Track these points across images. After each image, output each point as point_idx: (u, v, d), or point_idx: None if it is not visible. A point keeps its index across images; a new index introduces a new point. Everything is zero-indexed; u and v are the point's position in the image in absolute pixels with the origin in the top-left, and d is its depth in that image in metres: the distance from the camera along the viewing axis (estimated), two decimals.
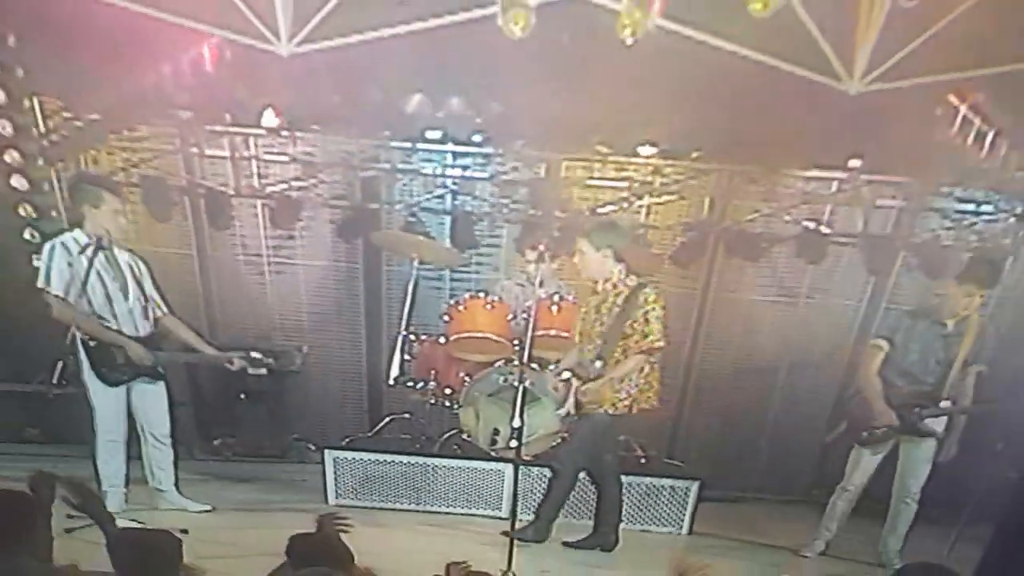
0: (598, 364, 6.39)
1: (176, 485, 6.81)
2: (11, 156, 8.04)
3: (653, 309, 6.53)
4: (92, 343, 6.38)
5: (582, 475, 6.79)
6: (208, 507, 6.81)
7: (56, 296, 6.32)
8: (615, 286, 6.59)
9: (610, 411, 6.49)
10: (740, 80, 7.03)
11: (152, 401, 6.66)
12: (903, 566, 4.25)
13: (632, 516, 7.41)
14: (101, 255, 6.35)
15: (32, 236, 8.31)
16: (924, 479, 6.66)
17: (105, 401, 6.45)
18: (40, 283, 6.34)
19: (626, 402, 6.54)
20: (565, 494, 6.70)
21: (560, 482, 6.63)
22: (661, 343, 6.54)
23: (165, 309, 6.75)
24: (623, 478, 7.20)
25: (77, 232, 6.41)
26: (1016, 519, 4.86)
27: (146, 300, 6.62)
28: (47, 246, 6.40)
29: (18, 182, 8.14)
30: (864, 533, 7.04)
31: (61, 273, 6.31)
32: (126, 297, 6.53)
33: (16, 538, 3.59)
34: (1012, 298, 8.69)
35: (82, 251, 6.28)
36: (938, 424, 6.67)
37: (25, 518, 3.68)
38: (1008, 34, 6.57)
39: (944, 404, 6.60)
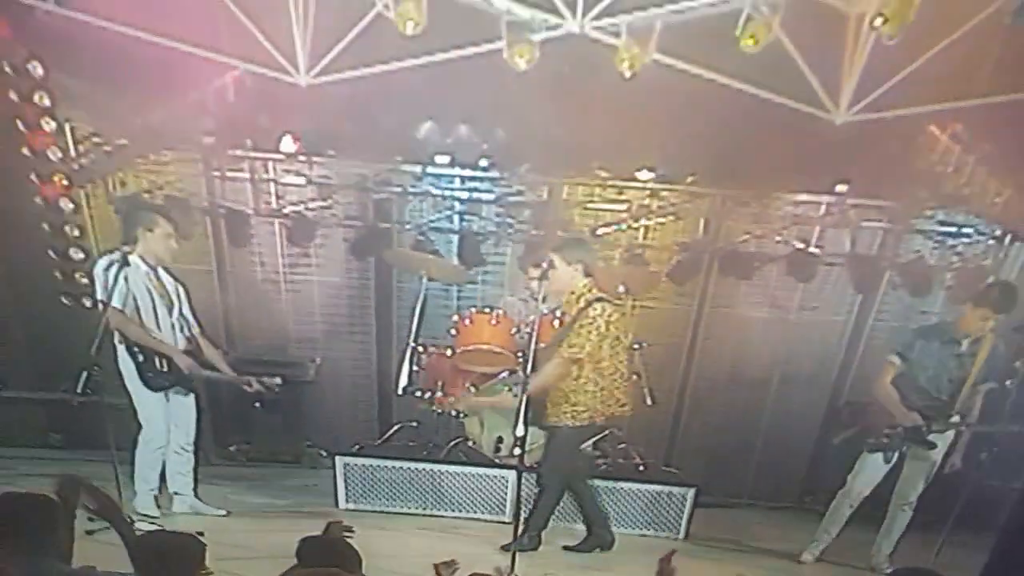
0: (529, 370, 6.42)
1: (195, 490, 6.95)
2: (59, 179, 8.38)
3: (594, 321, 6.52)
4: (140, 354, 6.59)
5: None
6: (223, 512, 6.92)
7: (116, 309, 6.44)
8: (578, 299, 6.63)
9: (570, 424, 6.55)
10: (732, 110, 7.32)
11: (183, 412, 6.86)
12: (895, 571, 4.41)
13: (631, 521, 7.58)
14: (153, 274, 6.63)
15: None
16: (922, 488, 6.75)
17: (152, 411, 6.67)
18: (99, 297, 6.50)
19: (585, 414, 6.59)
20: (553, 505, 6.79)
21: (547, 495, 6.72)
22: (580, 355, 6.48)
23: (198, 330, 6.96)
24: (623, 485, 7.49)
25: (129, 251, 6.54)
26: (1017, 525, 5.12)
27: (183, 319, 6.85)
28: (103, 263, 6.51)
29: (64, 204, 8.47)
30: (854, 539, 7.08)
31: (120, 289, 6.44)
32: (169, 313, 6.76)
33: (40, 540, 3.64)
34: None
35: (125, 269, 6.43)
36: (942, 438, 6.73)
37: (49, 521, 3.71)
38: (983, 69, 6.89)
39: (953, 419, 6.65)
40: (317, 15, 7.22)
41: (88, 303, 8.50)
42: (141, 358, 6.61)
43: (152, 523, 6.02)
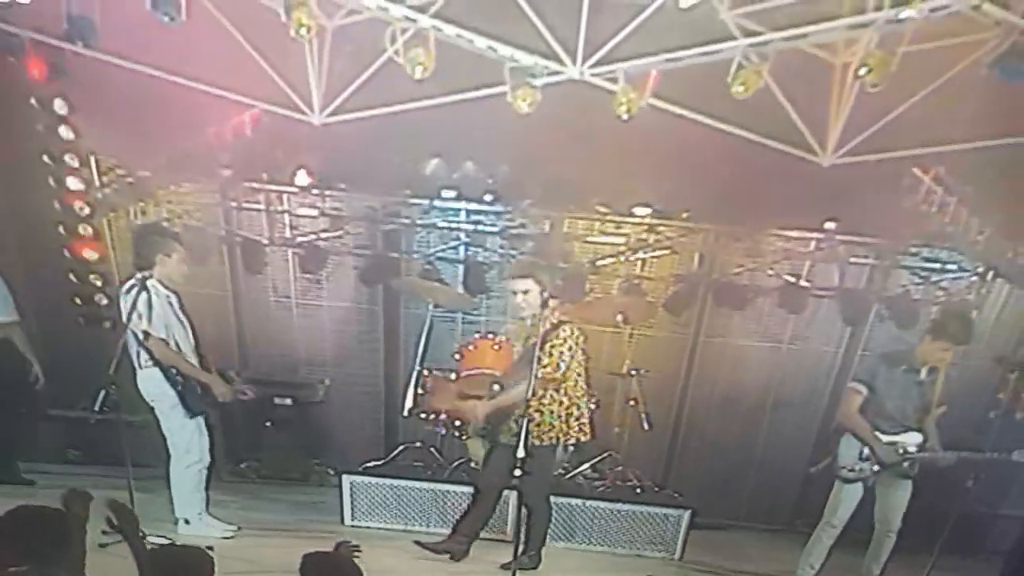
0: (495, 387, 6.61)
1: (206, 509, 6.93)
2: (79, 206, 8.72)
3: (565, 342, 6.59)
4: (181, 382, 6.63)
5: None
6: (231, 531, 6.88)
7: (159, 339, 6.53)
8: (543, 320, 6.59)
9: (536, 443, 6.49)
10: (725, 151, 7.51)
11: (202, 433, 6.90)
12: None
13: (628, 541, 7.78)
14: (175, 298, 6.71)
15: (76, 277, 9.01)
16: (903, 513, 6.70)
17: (189, 436, 6.70)
18: (143, 327, 6.49)
19: (550, 434, 6.67)
20: (547, 522, 6.88)
21: (537, 514, 6.75)
22: (556, 374, 6.56)
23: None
24: (621, 506, 7.68)
25: (149, 276, 6.59)
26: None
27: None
28: (132, 291, 6.44)
29: (84, 230, 8.83)
30: (842, 561, 7.00)
31: (158, 316, 6.53)
32: (187, 337, 6.81)
33: (52, 553, 3.65)
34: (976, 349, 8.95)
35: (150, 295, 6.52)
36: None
37: (62, 534, 3.72)
38: (963, 116, 7.09)
39: (923, 445, 6.59)
40: (331, 59, 7.47)
41: (107, 324, 8.86)
42: (181, 386, 6.64)
43: (164, 537, 6.04)
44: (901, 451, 6.64)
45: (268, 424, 9.69)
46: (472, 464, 8.03)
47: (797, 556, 7.21)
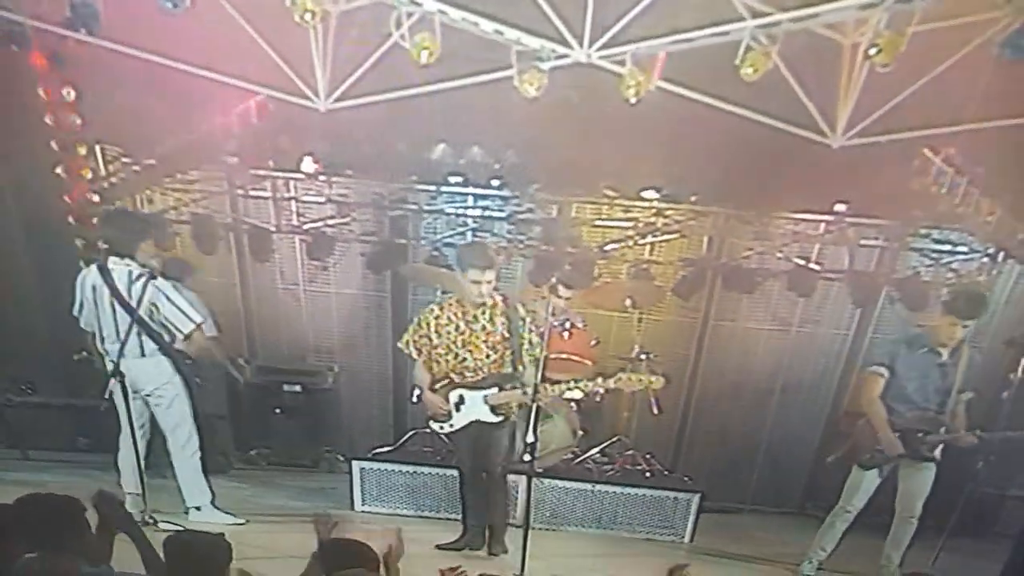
0: (521, 369, 6.46)
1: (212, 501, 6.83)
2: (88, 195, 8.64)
3: (524, 320, 6.55)
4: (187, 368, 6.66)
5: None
6: (239, 523, 6.74)
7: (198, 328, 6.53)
8: (495, 305, 6.58)
9: (485, 420, 6.56)
10: (734, 134, 7.44)
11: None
12: None
13: (638, 525, 7.81)
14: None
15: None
16: (925, 498, 6.65)
17: (187, 424, 6.63)
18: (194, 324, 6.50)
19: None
20: (505, 499, 6.86)
21: (495, 492, 6.74)
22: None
23: None
24: (631, 490, 7.68)
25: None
26: None
27: None
28: (140, 281, 6.35)
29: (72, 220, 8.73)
30: (859, 546, 7.01)
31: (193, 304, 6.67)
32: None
33: (62, 540, 3.72)
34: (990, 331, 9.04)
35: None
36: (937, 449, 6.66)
37: (72, 521, 3.79)
38: (974, 96, 6.97)
39: (943, 430, 6.57)
40: (336, 44, 7.41)
41: None
42: (185, 374, 6.64)
43: (177, 524, 6.12)
44: (921, 434, 6.60)
45: (277, 411, 9.71)
46: None
47: (807, 539, 7.24)
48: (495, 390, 6.57)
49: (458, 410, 6.67)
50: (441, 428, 6.81)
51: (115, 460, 6.71)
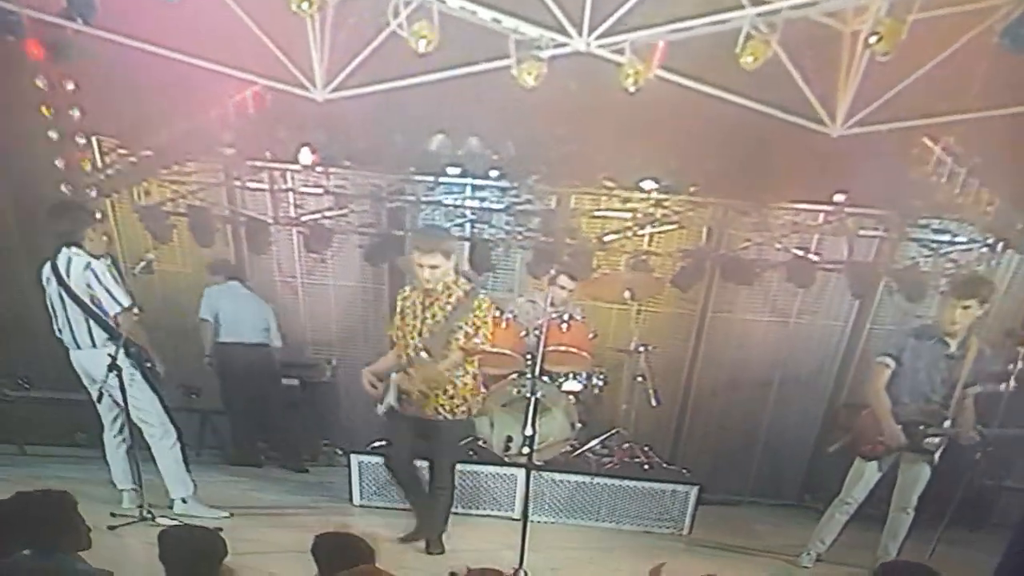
0: (423, 355, 6.40)
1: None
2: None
3: (479, 307, 6.48)
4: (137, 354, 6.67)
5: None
6: (224, 516, 6.75)
7: (130, 312, 6.51)
8: (448, 288, 6.51)
9: (449, 417, 6.52)
10: (733, 123, 7.39)
11: None
12: (882, 564, 4.41)
13: (637, 518, 7.79)
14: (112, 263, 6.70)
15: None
16: (921, 491, 6.67)
17: (156, 412, 6.69)
18: (126, 303, 6.51)
19: (462, 408, 6.58)
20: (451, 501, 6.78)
21: (446, 491, 6.69)
22: (485, 346, 6.52)
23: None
24: (629, 483, 7.65)
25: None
26: None
27: None
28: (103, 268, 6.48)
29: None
30: (857, 538, 7.03)
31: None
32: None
33: (55, 537, 3.83)
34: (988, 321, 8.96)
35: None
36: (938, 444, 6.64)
37: (65, 517, 3.89)
38: (974, 85, 6.99)
39: (947, 423, 6.55)
40: (333, 34, 7.37)
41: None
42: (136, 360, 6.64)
43: (174, 519, 6.21)
44: (923, 427, 6.58)
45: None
46: (480, 442, 8.03)
47: (805, 531, 7.25)
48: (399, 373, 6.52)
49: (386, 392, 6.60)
50: (378, 408, 6.69)
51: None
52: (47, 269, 6.62)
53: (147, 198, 9.20)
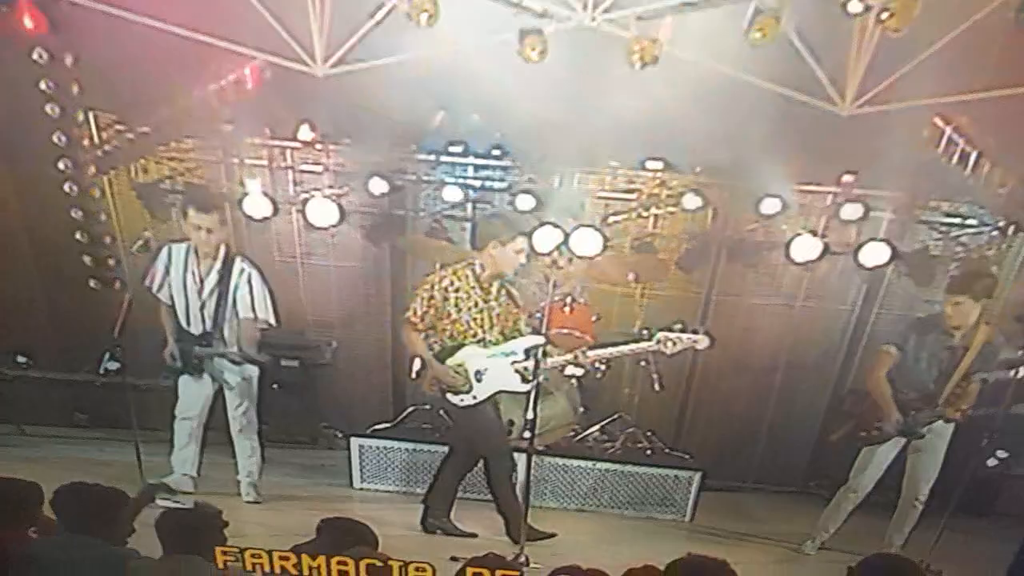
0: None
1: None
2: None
3: (424, 283, 6.80)
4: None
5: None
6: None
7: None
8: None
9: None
10: (740, 102, 7.29)
11: None
12: (864, 559, 4.33)
13: (639, 503, 7.77)
14: None
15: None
16: (932, 483, 6.73)
17: (189, 392, 7.15)
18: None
19: None
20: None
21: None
22: (412, 318, 6.71)
23: None
24: (631, 468, 7.65)
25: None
26: None
27: None
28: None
29: (69, 188, 8.58)
30: (861, 527, 7.06)
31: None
32: None
33: (105, 528, 3.98)
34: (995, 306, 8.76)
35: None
36: (944, 430, 6.71)
37: (117, 511, 4.08)
38: (987, 64, 6.90)
39: (939, 410, 6.62)
40: (334, 7, 7.26)
41: (117, 286, 8.74)
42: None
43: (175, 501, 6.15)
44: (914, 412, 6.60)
45: (275, 386, 9.43)
46: None
47: (810, 518, 7.25)
48: (522, 356, 6.52)
49: (479, 380, 6.58)
50: (462, 400, 6.67)
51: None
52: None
53: (144, 176, 9.10)
